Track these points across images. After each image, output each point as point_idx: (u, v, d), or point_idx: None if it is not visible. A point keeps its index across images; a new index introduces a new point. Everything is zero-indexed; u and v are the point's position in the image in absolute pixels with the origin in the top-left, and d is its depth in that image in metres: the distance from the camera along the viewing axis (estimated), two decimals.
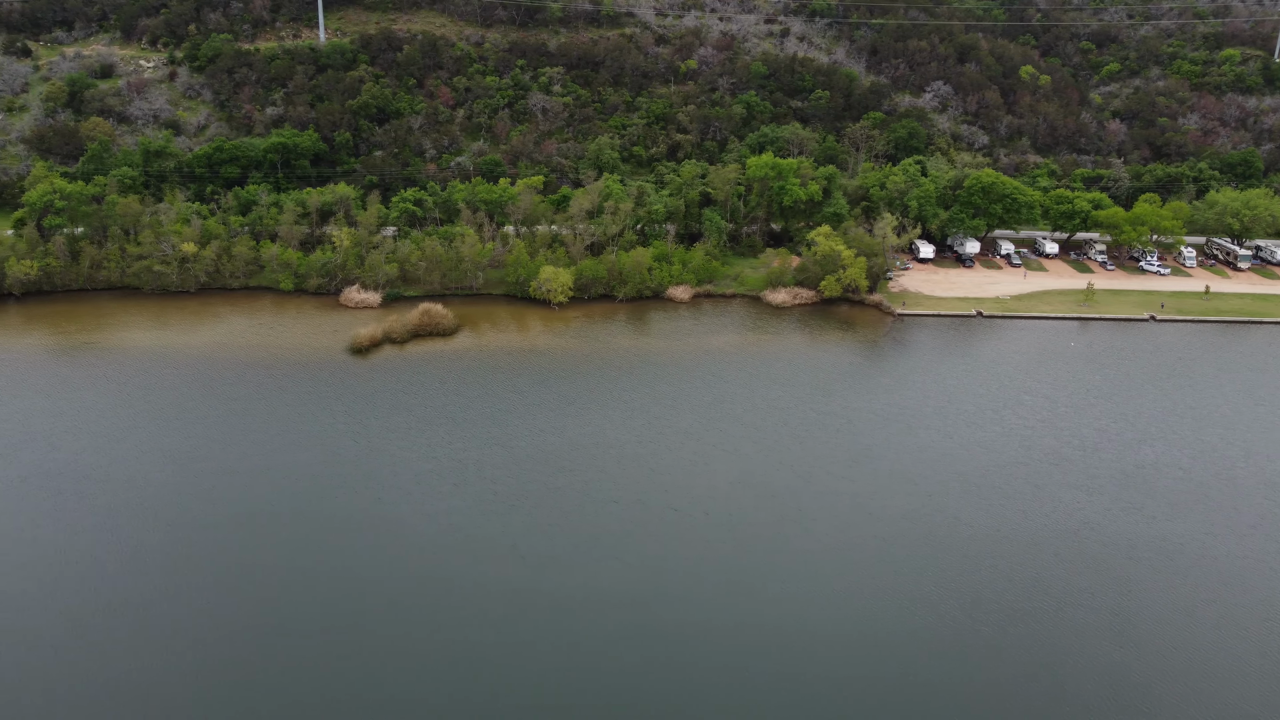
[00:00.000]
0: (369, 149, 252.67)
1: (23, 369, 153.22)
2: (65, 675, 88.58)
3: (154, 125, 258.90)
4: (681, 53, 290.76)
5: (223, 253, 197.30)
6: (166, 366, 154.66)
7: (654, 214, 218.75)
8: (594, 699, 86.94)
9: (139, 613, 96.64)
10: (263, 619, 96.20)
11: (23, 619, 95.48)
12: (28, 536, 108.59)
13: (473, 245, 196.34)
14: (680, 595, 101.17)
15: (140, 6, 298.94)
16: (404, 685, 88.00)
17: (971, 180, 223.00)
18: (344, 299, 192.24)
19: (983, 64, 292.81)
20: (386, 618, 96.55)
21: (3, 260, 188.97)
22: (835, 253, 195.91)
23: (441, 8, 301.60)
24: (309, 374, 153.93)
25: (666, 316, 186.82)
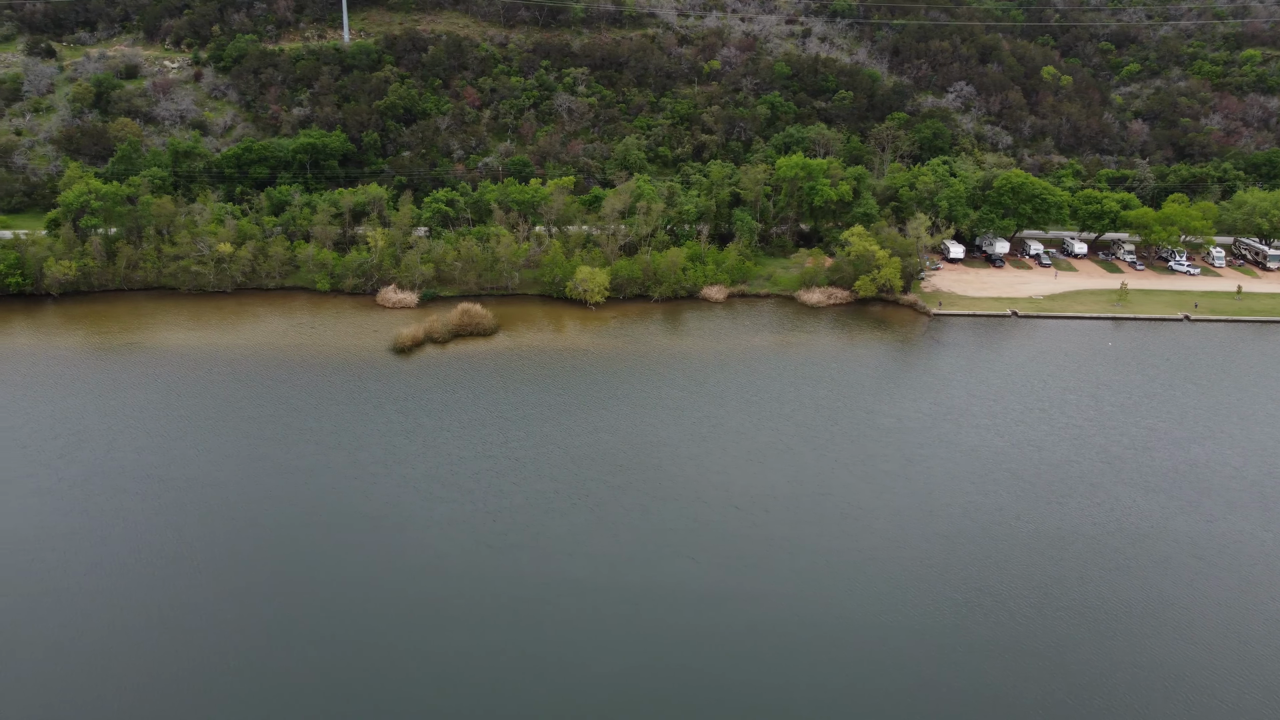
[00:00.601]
0: (396, 149, 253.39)
1: (72, 368, 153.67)
2: (149, 672, 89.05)
3: (180, 126, 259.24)
4: (704, 53, 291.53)
5: (258, 253, 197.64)
6: (213, 366, 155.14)
7: (685, 214, 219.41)
8: (680, 697, 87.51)
9: (214, 611, 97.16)
10: (337, 619, 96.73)
11: (104, 618, 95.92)
12: (98, 536, 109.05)
13: (509, 245, 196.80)
14: (754, 593, 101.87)
15: (163, 7, 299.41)
16: (482, 685, 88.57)
17: (1001, 180, 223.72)
18: (381, 299, 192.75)
19: (1004, 64, 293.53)
20: (461, 617, 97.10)
21: (41, 260, 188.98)
22: (869, 253, 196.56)
23: (464, 8, 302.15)
24: (355, 373, 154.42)
25: (703, 316, 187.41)
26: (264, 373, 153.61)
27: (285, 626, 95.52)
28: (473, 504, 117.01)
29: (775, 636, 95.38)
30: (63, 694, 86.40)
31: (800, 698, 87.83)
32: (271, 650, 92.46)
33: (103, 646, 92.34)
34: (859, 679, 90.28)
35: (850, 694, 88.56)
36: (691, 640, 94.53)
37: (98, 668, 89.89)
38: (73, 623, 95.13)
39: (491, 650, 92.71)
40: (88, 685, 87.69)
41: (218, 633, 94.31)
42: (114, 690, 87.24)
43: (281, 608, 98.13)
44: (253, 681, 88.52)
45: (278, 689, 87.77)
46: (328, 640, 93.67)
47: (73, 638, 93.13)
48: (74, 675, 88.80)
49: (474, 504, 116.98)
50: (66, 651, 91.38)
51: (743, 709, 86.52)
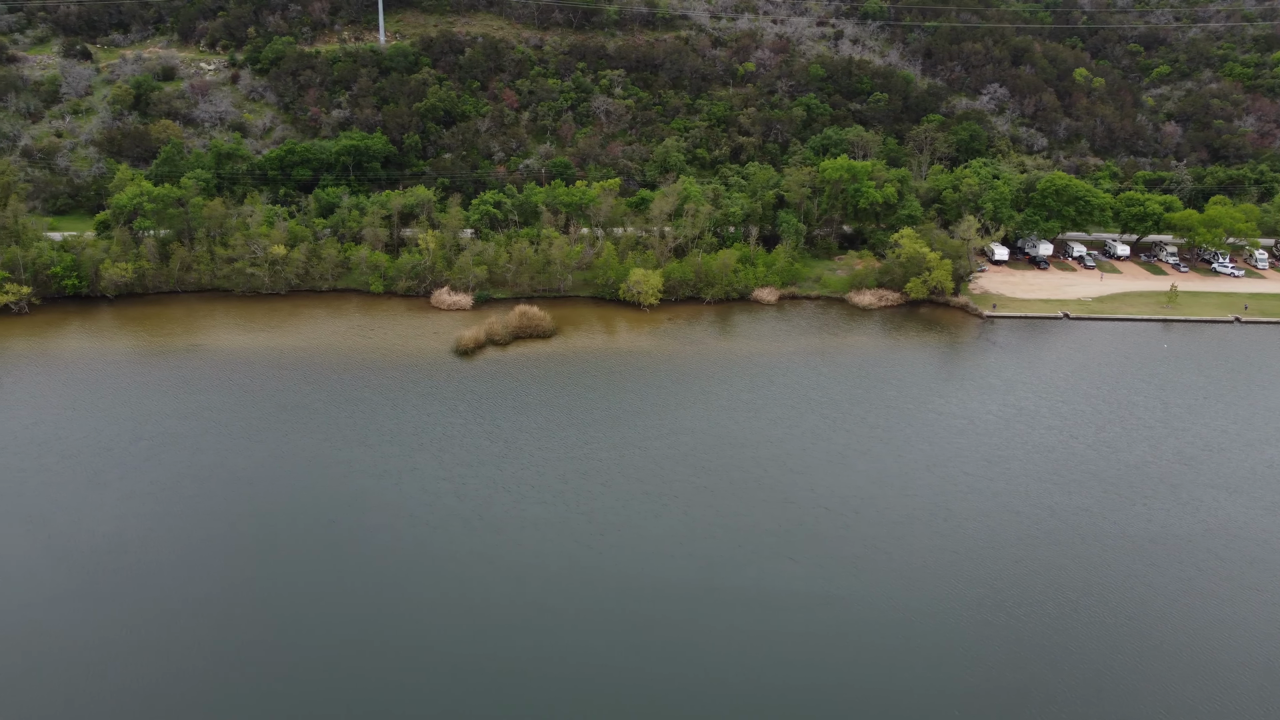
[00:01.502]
0: (437, 151, 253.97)
1: (142, 370, 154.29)
2: (273, 670, 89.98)
3: (220, 128, 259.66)
4: (738, 55, 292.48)
5: (312, 255, 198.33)
6: (282, 368, 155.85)
7: (731, 216, 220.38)
8: (802, 696, 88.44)
9: (327, 615, 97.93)
10: (451, 620, 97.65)
11: (225, 620, 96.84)
12: (201, 537, 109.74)
13: (562, 247, 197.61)
14: (859, 594, 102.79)
15: (197, 9, 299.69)
16: (602, 687, 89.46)
17: (1045, 183, 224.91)
18: (435, 301, 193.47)
19: (1037, 66, 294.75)
20: (572, 619, 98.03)
21: (96, 262, 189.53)
22: (920, 255, 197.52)
23: (498, 10, 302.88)
24: (422, 375, 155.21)
25: (758, 318, 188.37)
26: (333, 375, 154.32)
27: (397, 629, 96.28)
28: (564, 505, 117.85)
29: (885, 638, 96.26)
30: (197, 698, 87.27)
31: (921, 700, 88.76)
32: (385, 651, 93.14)
33: (224, 649, 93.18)
34: (976, 681, 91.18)
35: (968, 695, 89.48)
36: (809, 642, 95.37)
37: (225, 668, 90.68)
38: (190, 628, 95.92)
39: (608, 652, 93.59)
40: (215, 687, 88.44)
41: (333, 635, 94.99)
42: (254, 688, 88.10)
43: (393, 610, 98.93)
44: (371, 680, 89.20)
45: (396, 687, 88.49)
46: (442, 641, 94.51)
47: (190, 644, 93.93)
48: (199, 679, 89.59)
49: (566, 505, 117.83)
50: (188, 655, 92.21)
51: (872, 711, 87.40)
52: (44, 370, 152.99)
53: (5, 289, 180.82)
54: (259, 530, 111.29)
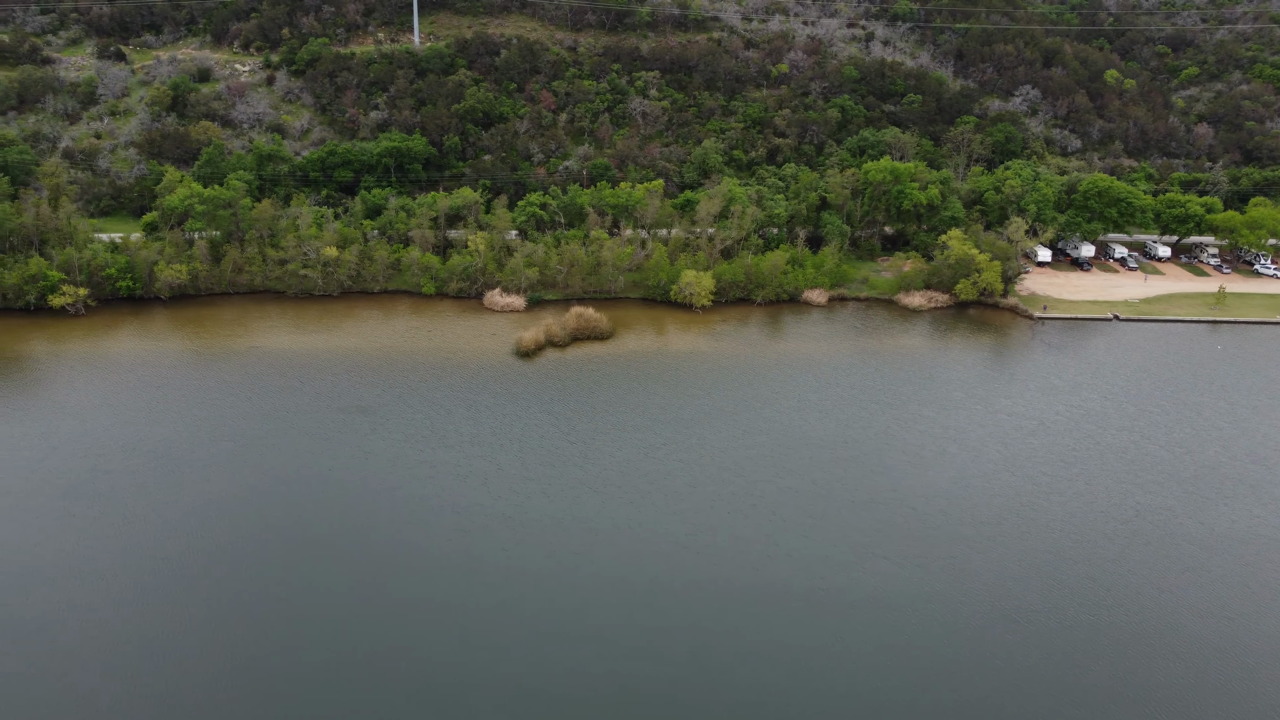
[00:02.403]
0: (476, 153, 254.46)
1: (209, 371, 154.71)
2: (380, 667, 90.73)
3: (258, 129, 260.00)
4: (771, 56, 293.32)
5: (364, 257, 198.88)
6: (347, 369, 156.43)
7: (776, 218, 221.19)
8: (917, 695, 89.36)
9: (426, 618, 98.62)
10: (552, 621, 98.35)
11: (334, 622, 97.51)
12: (300, 539, 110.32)
13: (613, 249, 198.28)
14: (957, 593, 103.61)
15: (230, 11, 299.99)
16: (714, 686, 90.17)
17: (1087, 184, 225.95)
18: (487, 302, 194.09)
19: (1068, 68, 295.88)
20: (682, 620, 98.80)
21: (151, 264, 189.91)
22: (969, 256, 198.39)
23: (531, 12, 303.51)
24: (488, 376, 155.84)
25: (811, 319, 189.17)
26: (399, 376, 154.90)
27: (500, 628, 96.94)
28: (654, 506, 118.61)
29: (993, 638, 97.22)
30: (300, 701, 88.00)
31: (1042, 700, 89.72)
32: (487, 649, 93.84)
33: (337, 652, 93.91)
34: (1096, 679, 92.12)
35: (1087, 692, 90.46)
36: (918, 642, 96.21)
37: (339, 670, 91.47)
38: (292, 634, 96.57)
39: (725, 653, 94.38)
40: (334, 687, 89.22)
41: (447, 637, 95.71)
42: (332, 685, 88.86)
43: (504, 611, 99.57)
44: (492, 681, 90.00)
45: (515, 687, 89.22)
46: (557, 640, 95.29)
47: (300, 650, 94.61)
48: (311, 681, 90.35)
49: (655, 506, 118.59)
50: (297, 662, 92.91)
51: (995, 709, 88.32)
52: (113, 372, 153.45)
53: (62, 291, 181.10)
54: (357, 532, 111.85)
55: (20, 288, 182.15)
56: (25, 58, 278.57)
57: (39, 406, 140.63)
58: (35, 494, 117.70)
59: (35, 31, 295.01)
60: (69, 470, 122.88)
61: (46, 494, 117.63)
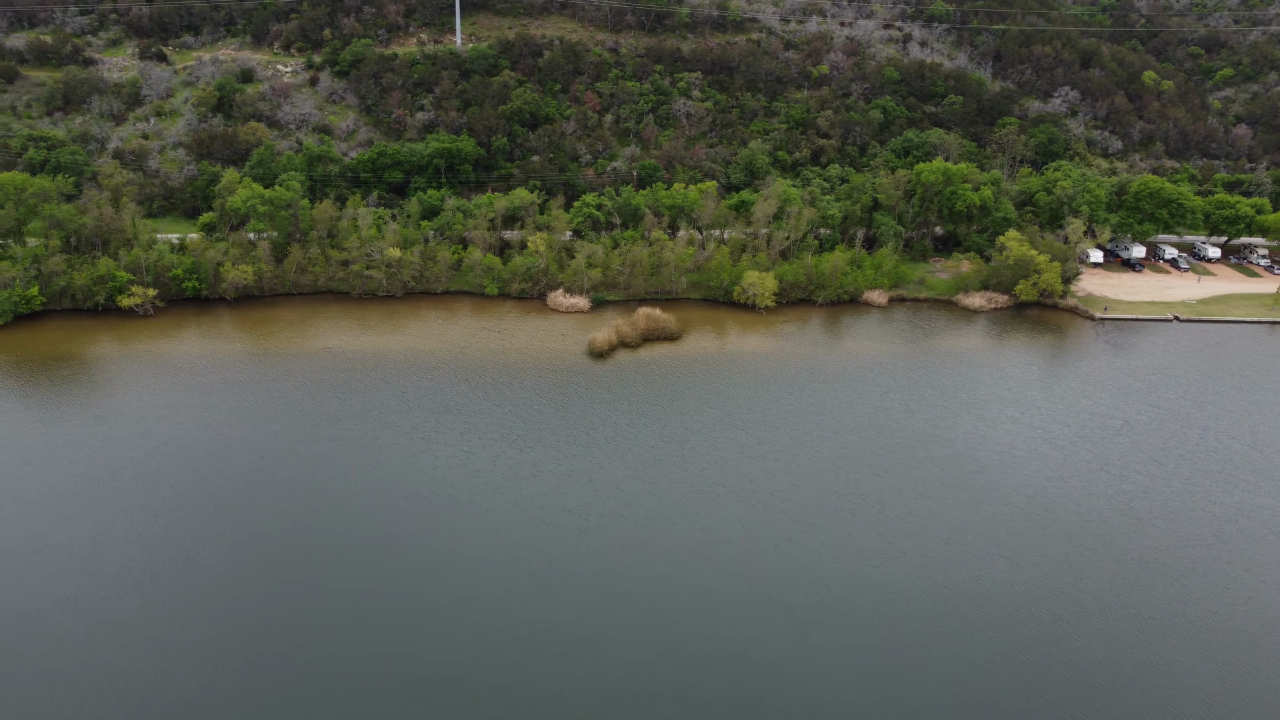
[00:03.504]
0: (523, 154, 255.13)
1: (289, 371, 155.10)
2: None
3: (304, 130, 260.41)
4: (811, 57, 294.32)
5: (427, 258, 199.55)
6: (425, 369, 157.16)
7: (830, 219, 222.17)
8: (1059, 695, 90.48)
9: (572, 614, 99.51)
10: (671, 622, 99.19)
11: (451, 622, 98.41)
12: (428, 539, 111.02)
13: (676, 250, 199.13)
14: (1078, 591, 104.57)
15: (270, 12, 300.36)
16: (852, 681, 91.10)
17: (1138, 185, 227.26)
18: (551, 303, 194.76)
19: (1106, 69, 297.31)
20: (806, 620, 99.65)
21: (215, 265, 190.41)
22: (1029, 257, 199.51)
23: (571, 13, 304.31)
24: (567, 376, 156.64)
25: (875, 320, 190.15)
26: (480, 376, 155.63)
27: (638, 632, 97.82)
28: (761, 505, 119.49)
29: (1128, 637, 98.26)
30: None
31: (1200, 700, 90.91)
32: (630, 651, 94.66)
33: (451, 652, 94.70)
34: (1224, 680, 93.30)
35: (1223, 690, 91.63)
36: (1046, 642, 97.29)
37: (452, 669, 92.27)
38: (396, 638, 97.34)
39: (861, 650, 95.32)
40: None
41: (574, 637, 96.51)
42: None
43: (611, 606, 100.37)
44: (609, 680, 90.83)
45: (641, 684, 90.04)
46: (664, 643, 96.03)
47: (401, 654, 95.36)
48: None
49: (763, 505, 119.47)
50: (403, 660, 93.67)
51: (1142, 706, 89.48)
52: (196, 373, 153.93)
53: (131, 291, 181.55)
54: (478, 533, 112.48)
55: (90, 288, 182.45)
56: (68, 59, 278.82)
57: (131, 407, 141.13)
58: (146, 494, 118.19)
59: (75, 32, 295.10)
60: (174, 471, 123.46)
61: (159, 495, 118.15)
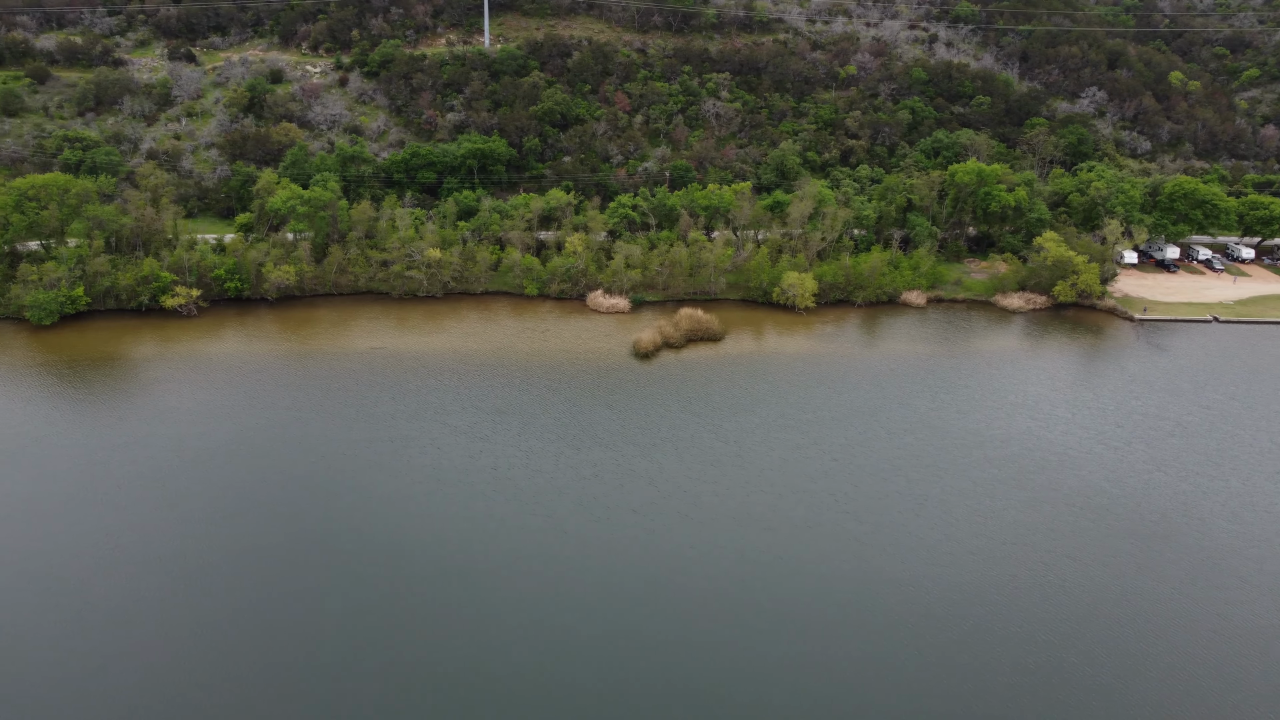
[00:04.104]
0: (554, 154, 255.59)
1: (338, 372, 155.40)
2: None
3: (335, 130, 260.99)
4: (838, 58, 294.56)
5: (467, 258, 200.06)
6: (473, 370, 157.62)
7: (865, 219, 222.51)
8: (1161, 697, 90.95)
9: (638, 616, 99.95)
10: (761, 622, 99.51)
11: (532, 624, 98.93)
12: (500, 540, 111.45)
13: (715, 251, 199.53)
14: (1153, 589, 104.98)
15: (298, 12, 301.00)
16: (925, 683, 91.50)
17: (1172, 186, 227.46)
18: (591, 303, 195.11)
19: (1133, 70, 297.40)
20: (887, 624, 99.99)
21: (257, 265, 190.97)
22: (1067, 258, 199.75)
23: (598, 14, 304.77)
24: (616, 376, 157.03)
25: (915, 321, 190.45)
26: (528, 376, 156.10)
27: (697, 629, 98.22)
28: (824, 505, 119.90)
29: (1203, 634, 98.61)
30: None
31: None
32: (707, 652, 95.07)
33: (539, 654, 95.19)
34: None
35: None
36: (1131, 638, 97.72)
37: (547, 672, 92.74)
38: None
39: (952, 651, 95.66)
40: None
41: (650, 639, 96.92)
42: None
43: (688, 610, 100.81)
44: (684, 679, 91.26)
45: (715, 685, 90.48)
46: (746, 648, 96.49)
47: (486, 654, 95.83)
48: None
49: (825, 505, 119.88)
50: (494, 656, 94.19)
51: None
52: (246, 373, 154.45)
53: (175, 292, 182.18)
54: (548, 534, 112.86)
55: (134, 289, 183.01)
56: (98, 60, 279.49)
57: (187, 407, 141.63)
58: (211, 496, 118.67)
59: (104, 33, 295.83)
60: (236, 472, 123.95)
61: (224, 496, 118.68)
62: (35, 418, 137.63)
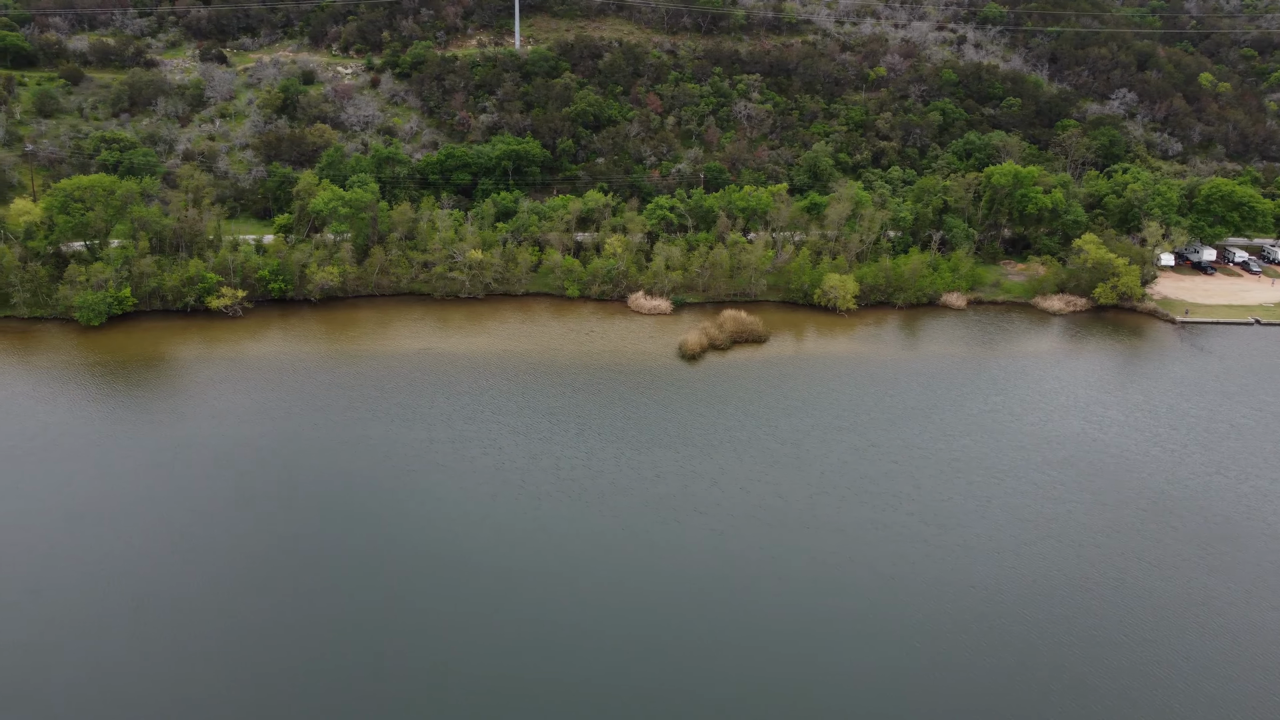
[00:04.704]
0: (587, 156, 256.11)
1: (392, 372, 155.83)
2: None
3: (368, 131, 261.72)
4: (868, 59, 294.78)
5: (509, 259, 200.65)
6: (522, 371, 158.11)
7: (901, 221, 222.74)
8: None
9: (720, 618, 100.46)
10: (832, 625, 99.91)
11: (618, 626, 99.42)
12: (576, 543, 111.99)
13: (756, 252, 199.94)
14: (1234, 593, 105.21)
15: (328, 14, 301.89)
16: (1016, 685, 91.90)
17: (1209, 188, 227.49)
18: (633, 305, 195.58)
19: (1163, 71, 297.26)
20: (967, 626, 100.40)
21: (301, 266, 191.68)
22: (1108, 260, 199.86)
23: (627, 15, 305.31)
24: (665, 378, 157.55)
25: (957, 323, 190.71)
26: (578, 378, 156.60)
27: (783, 629, 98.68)
28: (887, 506, 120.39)
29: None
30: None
31: None
32: (787, 654, 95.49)
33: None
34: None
35: None
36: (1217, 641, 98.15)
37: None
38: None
39: (1044, 649, 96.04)
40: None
41: (727, 641, 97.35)
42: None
43: (768, 612, 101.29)
44: (753, 681, 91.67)
45: (785, 687, 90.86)
46: (829, 651, 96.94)
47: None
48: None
49: (890, 506, 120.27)
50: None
51: None
52: (299, 373, 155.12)
53: (221, 292, 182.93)
54: (622, 535, 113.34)
55: (179, 289, 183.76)
56: (130, 61, 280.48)
57: (245, 408, 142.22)
58: (280, 497, 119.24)
59: (135, 34, 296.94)
60: (304, 473, 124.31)
61: (294, 497, 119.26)
62: (98, 417, 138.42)
